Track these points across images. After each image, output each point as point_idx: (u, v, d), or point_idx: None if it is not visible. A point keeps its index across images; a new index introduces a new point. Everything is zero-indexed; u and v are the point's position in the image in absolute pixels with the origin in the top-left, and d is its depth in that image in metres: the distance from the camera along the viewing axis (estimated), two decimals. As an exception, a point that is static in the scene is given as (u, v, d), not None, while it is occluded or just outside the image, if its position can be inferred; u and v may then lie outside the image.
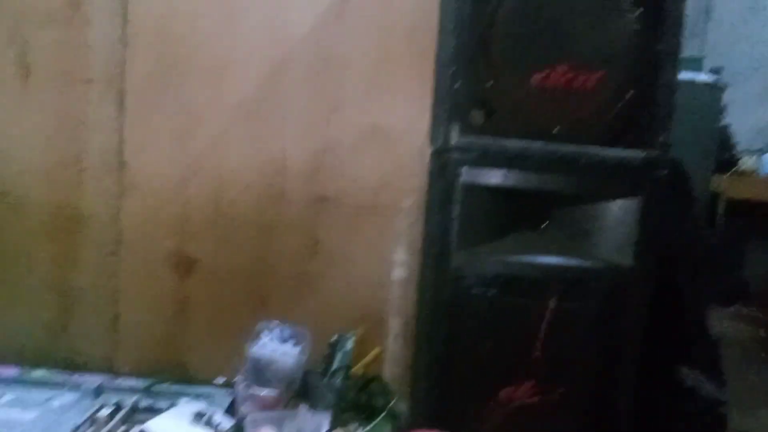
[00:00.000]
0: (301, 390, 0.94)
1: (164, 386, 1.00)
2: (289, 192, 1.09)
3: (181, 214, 1.08)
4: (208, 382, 1.02)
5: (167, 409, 0.91)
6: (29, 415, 0.89)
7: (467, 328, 0.92)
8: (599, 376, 0.95)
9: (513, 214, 0.94)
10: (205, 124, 1.07)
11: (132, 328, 1.09)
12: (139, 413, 0.89)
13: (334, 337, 1.03)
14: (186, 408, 0.91)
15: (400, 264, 1.11)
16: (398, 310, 1.11)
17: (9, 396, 0.94)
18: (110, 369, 1.04)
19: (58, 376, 1.01)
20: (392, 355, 1.11)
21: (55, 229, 1.07)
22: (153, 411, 0.90)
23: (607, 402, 0.96)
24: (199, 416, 0.89)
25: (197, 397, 0.96)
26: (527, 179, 0.92)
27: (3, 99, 1.06)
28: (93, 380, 1.00)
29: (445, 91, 0.92)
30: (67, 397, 0.95)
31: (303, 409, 0.87)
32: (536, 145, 0.91)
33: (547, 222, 0.99)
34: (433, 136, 0.95)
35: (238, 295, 1.09)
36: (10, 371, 1.02)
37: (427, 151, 1.04)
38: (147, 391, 0.97)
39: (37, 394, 0.95)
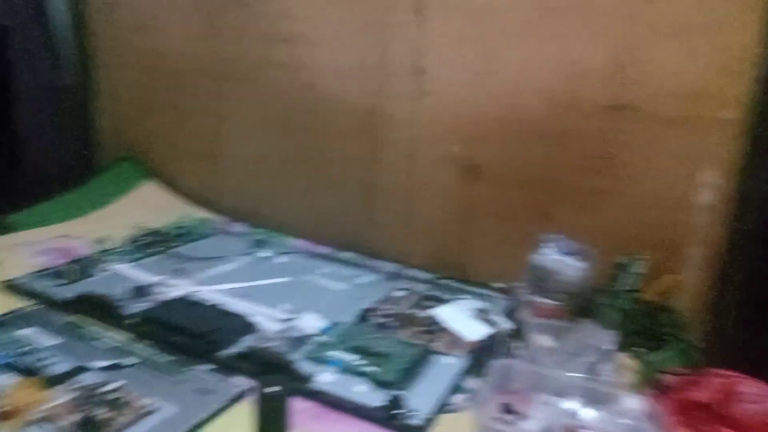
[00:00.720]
0: (583, 306, 0.91)
1: (447, 282, 1.07)
2: (584, 98, 1.01)
3: (471, 119, 1.09)
4: (486, 284, 1.06)
5: (451, 301, 0.97)
6: (340, 286, 1.05)
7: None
8: None
9: None
10: (501, 26, 1.04)
11: (423, 225, 1.17)
12: (427, 300, 0.97)
13: (622, 259, 0.96)
14: (468, 303, 0.96)
15: (709, 185, 0.97)
16: (701, 237, 0.98)
17: (325, 269, 1.11)
18: (402, 260, 1.15)
19: (360, 259, 1.16)
20: (688, 287, 0.99)
21: (363, 130, 1.19)
22: (438, 300, 0.97)
23: None
24: (479, 312, 0.93)
25: (476, 296, 1.01)
26: None
27: (314, 4, 1.18)
28: (388, 267, 1.12)
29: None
30: (368, 277, 1.09)
31: (586, 324, 0.85)
32: None
33: None
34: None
35: (522, 204, 1.08)
36: (325, 249, 1.21)
37: (758, 48, 0.86)
38: (432, 284, 1.05)
39: (345, 271, 1.11)
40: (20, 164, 1.30)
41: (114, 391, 0.69)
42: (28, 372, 0.73)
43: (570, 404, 0.68)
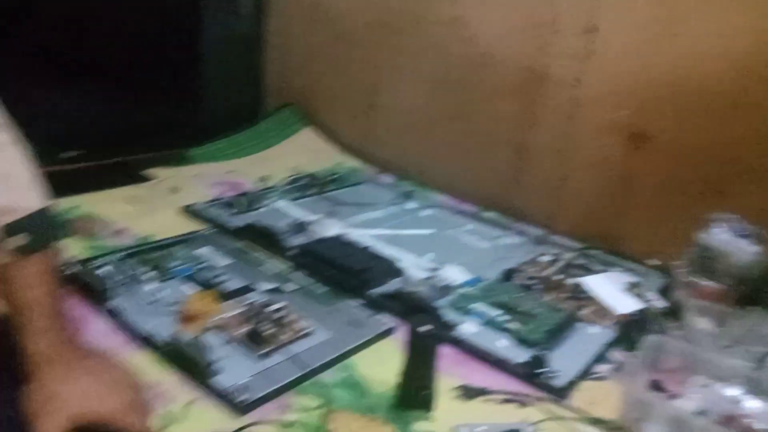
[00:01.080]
0: (752, 293, 0.84)
1: (596, 252, 1.03)
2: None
3: (643, 84, 1.02)
4: (638, 260, 1.00)
5: (600, 272, 0.93)
6: (483, 244, 1.05)
7: None
8: None
9: None
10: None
11: (575, 191, 1.13)
12: (574, 269, 0.95)
13: (806, 248, 0.86)
14: (619, 276, 0.92)
15: None
16: None
17: (469, 226, 1.12)
18: (550, 225, 1.12)
19: (505, 221, 1.15)
20: None
21: (520, 89, 1.16)
22: (586, 270, 0.94)
23: None
24: (631, 286, 0.89)
25: (627, 270, 0.96)
26: None
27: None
28: (534, 231, 1.10)
29: None
30: (513, 239, 1.08)
31: (755, 312, 0.78)
32: None
33: None
34: None
35: (692, 179, 1.00)
36: (469, 207, 1.21)
37: None
38: (581, 252, 1.02)
39: (489, 230, 1.11)
40: (201, 106, 1.44)
41: (278, 311, 0.76)
42: (205, 285, 0.82)
43: (732, 391, 0.64)
